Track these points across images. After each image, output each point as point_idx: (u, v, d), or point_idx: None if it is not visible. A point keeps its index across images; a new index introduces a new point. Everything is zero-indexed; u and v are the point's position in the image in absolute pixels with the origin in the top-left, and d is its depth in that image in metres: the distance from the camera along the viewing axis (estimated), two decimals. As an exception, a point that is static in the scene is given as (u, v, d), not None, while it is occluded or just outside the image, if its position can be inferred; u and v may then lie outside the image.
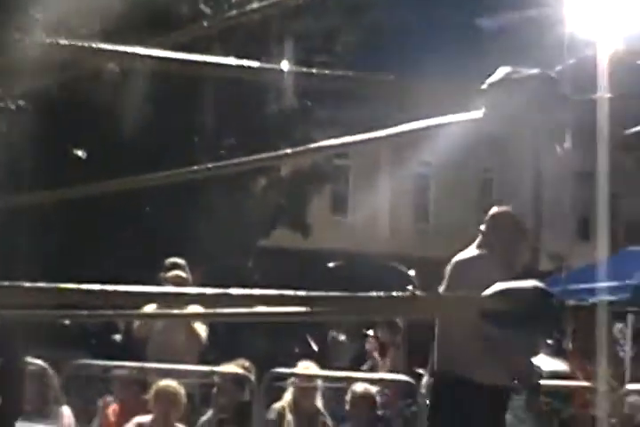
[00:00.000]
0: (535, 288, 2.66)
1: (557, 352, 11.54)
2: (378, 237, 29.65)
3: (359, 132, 2.72)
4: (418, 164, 30.57)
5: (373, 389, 7.49)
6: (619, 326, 13.38)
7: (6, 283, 1.97)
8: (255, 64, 2.23)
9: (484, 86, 2.50)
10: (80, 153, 16.36)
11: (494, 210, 6.39)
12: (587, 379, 8.51)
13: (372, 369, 9.39)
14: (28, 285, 1.96)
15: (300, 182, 19.27)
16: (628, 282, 12.94)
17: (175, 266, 8.75)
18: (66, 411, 7.53)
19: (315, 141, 4.01)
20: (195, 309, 4.51)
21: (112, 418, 8.03)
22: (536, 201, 25.32)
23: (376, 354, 9.64)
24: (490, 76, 2.51)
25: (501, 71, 2.56)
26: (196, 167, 3.41)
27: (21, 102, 3.50)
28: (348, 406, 7.53)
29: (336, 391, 8.19)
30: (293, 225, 19.80)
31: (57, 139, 14.24)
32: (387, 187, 30.83)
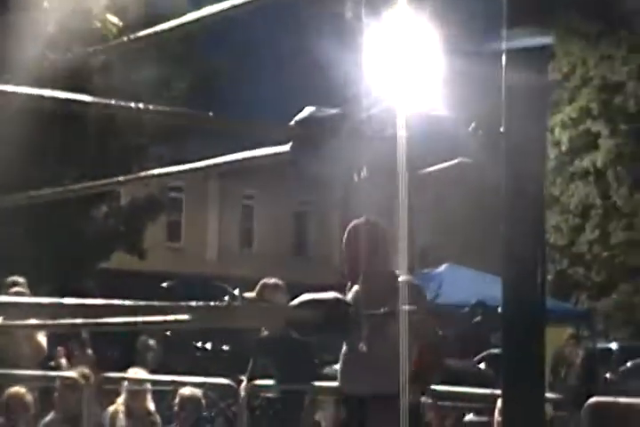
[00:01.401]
0: (335, 299, 2.69)
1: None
2: (207, 261, 29.63)
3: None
4: (243, 197, 30.70)
5: (199, 391, 7.44)
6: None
7: None
8: (88, 98, 2.19)
9: (292, 123, 2.51)
10: None
11: (351, 223, 5.85)
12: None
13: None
14: None
15: (137, 211, 19.17)
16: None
17: (15, 284, 8.50)
18: None
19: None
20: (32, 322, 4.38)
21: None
22: (345, 227, 25.65)
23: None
24: (297, 113, 2.52)
25: (308, 110, 2.57)
26: (34, 192, 3.32)
27: None
28: (176, 408, 7.46)
29: (165, 394, 8.10)
30: (131, 249, 19.63)
31: None
32: (215, 217, 30.90)
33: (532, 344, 1.74)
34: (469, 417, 8.59)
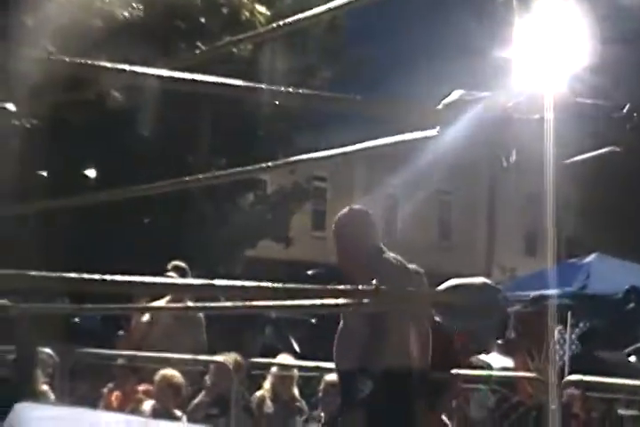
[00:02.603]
0: (484, 284, 2.66)
1: (506, 351, 11.55)
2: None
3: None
4: (386, 186, 30.70)
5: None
6: (559, 327, 13.42)
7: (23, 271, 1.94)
8: (238, 82, 2.22)
9: (440, 107, 2.48)
10: (89, 172, 16.33)
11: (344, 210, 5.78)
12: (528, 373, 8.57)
13: None
14: (48, 274, 1.94)
15: (283, 200, 19.34)
16: (567, 289, 13.06)
17: (176, 268, 8.54)
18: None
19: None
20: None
21: (114, 404, 7.97)
22: (490, 217, 25.41)
23: None
24: (445, 98, 2.49)
25: (456, 93, 2.54)
26: (187, 178, 3.39)
27: (35, 121, 3.46)
28: (320, 394, 7.50)
29: (310, 380, 8.15)
30: (277, 237, 19.81)
31: (67, 155, 14.21)
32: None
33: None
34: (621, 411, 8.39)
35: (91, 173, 16.32)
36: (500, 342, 11.98)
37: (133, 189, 3.34)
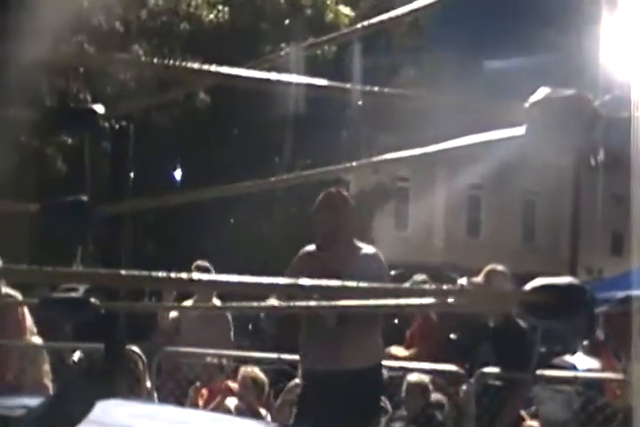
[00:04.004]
0: (571, 284, 2.61)
1: (592, 352, 11.39)
2: (434, 250, 29.62)
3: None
4: (470, 186, 30.49)
5: (426, 377, 7.44)
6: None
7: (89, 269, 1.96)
8: (322, 82, 2.21)
9: (527, 105, 2.44)
10: (176, 173, 16.54)
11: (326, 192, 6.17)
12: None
13: None
14: (105, 271, 1.95)
15: (366, 200, 19.32)
16: (655, 290, 12.83)
17: (198, 268, 8.58)
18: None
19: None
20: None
21: (202, 402, 8.03)
22: (574, 217, 25.00)
23: None
24: (531, 95, 2.45)
25: (542, 91, 2.49)
26: (272, 178, 3.38)
27: (124, 123, 3.51)
28: (403, 394, 7.49)
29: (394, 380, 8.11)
30: (360, 237, 19.81)
31: (155, 156, 14.39)
32: (442, 206, 30.85)
33: None
34: None
35: (177, 173, 16.55)
36: (586, 342, 11.81)
37: (219, 189, 3.34)
